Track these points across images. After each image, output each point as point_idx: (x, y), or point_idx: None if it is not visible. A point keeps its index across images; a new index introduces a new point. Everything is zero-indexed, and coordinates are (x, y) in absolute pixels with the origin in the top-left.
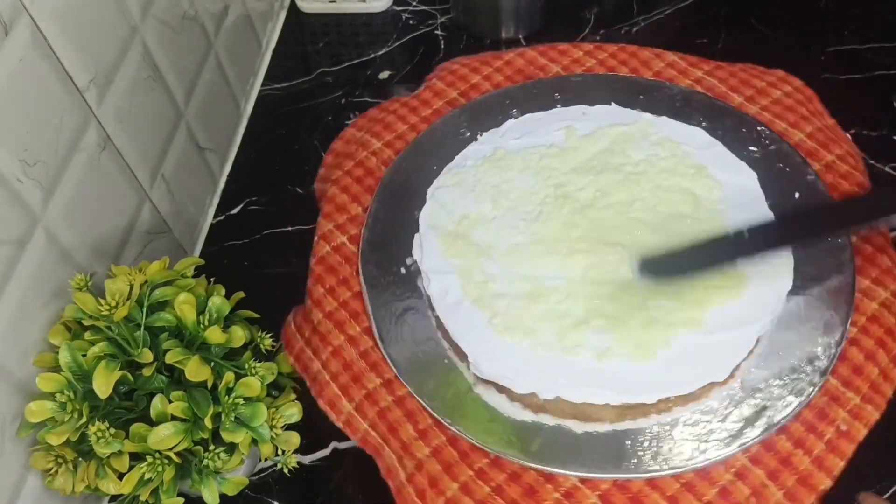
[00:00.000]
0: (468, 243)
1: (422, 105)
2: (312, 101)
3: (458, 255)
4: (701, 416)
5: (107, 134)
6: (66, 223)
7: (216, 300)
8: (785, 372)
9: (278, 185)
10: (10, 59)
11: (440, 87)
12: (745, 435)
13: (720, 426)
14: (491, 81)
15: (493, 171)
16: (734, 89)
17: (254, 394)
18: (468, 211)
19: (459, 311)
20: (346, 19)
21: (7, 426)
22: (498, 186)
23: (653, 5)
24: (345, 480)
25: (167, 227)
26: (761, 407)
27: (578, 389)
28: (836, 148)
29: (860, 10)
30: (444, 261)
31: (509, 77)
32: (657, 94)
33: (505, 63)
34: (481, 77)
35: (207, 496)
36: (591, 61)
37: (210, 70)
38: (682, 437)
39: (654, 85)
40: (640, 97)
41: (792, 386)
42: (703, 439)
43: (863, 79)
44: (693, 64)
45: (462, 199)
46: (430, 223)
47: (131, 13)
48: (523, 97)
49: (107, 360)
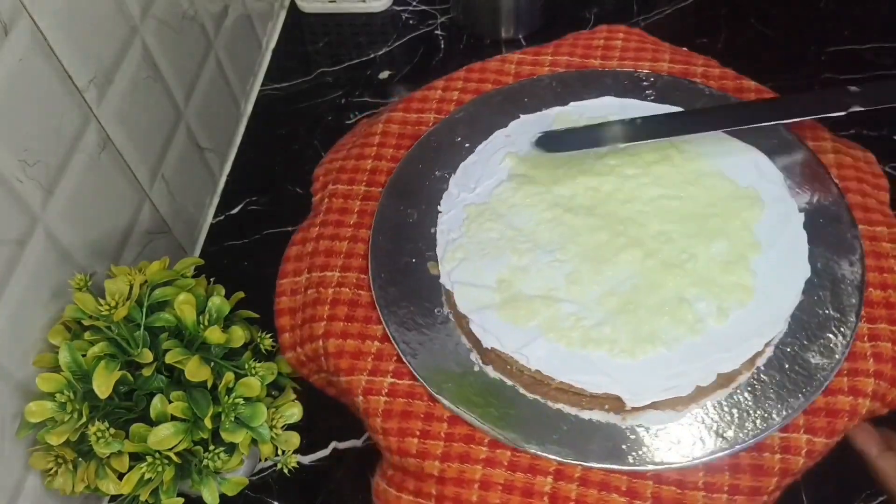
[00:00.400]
0: (528, 301)
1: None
2: (312, 101)
3: (530, 317)
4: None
5: (107, 134)
6: (65, 223)
7: (216, 300)
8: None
9: (278, 185)
10: (10, 59)
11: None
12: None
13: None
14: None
15: (481, 228)
16: (588, 56)
17: (254, 394)
18: (499, 276)
19: (573, 360)
20: (346, 19)
21: (7, 426)
22: (501, 237)
23: (653, 5)
24: (345, 480)
25: (167, 227)
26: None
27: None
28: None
29: (860, 10)
30: (524, 332)
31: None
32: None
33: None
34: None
35: (207, 496)
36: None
37: (210, 70)
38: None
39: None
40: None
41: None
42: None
43: (863, 79)
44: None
45: (482, 269)
46: (478, 306)
47: (131, 13)
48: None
49: (107, 360)
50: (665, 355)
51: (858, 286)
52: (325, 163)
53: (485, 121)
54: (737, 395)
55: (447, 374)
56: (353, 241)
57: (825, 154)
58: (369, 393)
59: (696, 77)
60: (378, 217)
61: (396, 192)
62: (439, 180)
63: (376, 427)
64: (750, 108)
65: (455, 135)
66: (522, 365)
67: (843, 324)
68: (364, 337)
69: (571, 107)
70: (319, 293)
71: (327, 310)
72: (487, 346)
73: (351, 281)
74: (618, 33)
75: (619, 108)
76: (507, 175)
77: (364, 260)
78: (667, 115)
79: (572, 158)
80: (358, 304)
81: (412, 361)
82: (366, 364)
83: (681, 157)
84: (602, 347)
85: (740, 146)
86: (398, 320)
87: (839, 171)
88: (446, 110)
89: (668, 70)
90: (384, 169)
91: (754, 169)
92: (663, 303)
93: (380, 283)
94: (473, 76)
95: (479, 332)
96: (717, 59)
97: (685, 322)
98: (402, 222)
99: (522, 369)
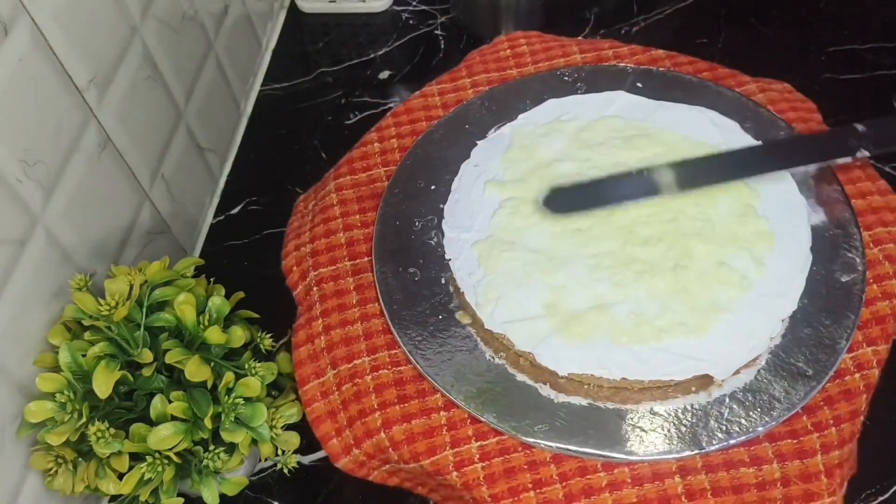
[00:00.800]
0: (583, 316)
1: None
2: (312, 101)
3: (593, 331)
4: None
5: (107, 134)
6: (66, 223)
7: (216, 300)
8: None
9: (278, 185)
10: (10, 59)
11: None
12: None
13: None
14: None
15: (500, 260)
16: (503, 68)
17: (254, 394)
18: (544, 301)
19: (652, 356)
20: (346, 19)
21: (7, 426)
22: (525, 263)
23: (653, 5)
24: (345, 480)
25: (167, 227)
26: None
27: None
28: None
29: (860, 10)
30: (594, 347)
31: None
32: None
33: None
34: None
35: (207, 496)
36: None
37: (210, 70)
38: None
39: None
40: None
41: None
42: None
43: (863, 79)
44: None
45: (523, 301)
46: (538, 339)
47: (131, 13)
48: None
49: (107, 361)
50: (731, 320)
51: (844, 200)
52: (290, 252)
53: (439, 158)
54: (797, 332)
55: (531, 417)
56: (365, 319)
57: (755, 95)
58: (462, 465)
59: (609, 60)
60: (381, 287)
61: (387, 255)
62: (423, 231)
63: (483, 497)
64: (758, 154)
65: (416, 181)
66: (604, 379)
67: (849, 237)
68: (428, 412)
69: (522, 119)
70: (357, 385)
71: (375, 399)
72: (564, 374)
73: (384, 361)
74: (518, 39)
75: (566, 107)
76: (498, 203)
77: (386, 335)
78: (673, 166)
79: (553, 162)
80: (404, 381)
81: (490, 418)
82: (444, 438)
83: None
84: (674, 334)
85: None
86: (455, 381)
87: (775, 107)
88: (393, 160)
89: (582, 61)
90: (360, 237)
91: (713, 126)
92: (705, 272)
93: (417, 352)
94: (402, 119)
95: (551, 364)
96: (717, 59)
97: (732, 283)
98: (408, 283)
99: (602, 383)
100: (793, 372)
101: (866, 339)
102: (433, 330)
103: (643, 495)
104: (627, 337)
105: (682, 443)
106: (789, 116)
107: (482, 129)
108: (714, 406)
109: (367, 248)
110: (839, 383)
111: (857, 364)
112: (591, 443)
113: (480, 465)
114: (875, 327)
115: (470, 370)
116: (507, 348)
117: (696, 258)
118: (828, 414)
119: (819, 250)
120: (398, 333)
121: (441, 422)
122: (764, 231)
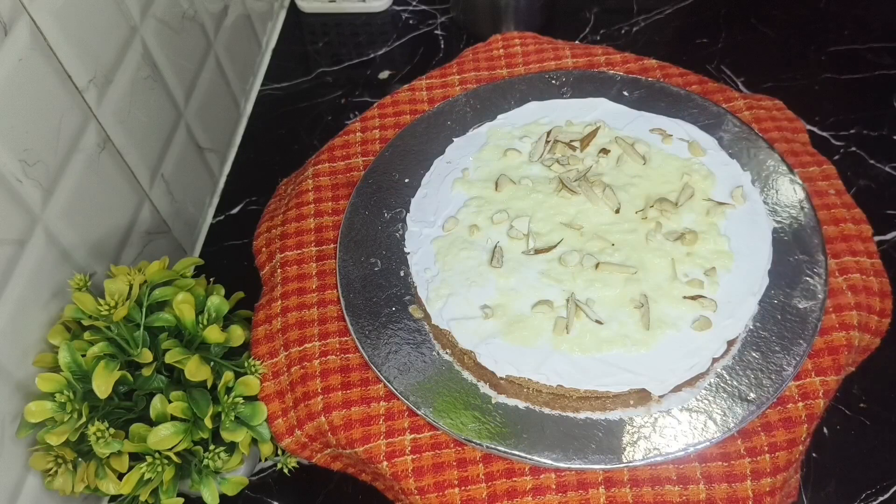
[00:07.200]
0: (529, 319)
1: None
2: (312, 101)
3: (537, 335)
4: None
5: (106, 134)
6: (65, 223)
7: (215, 300)
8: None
9: (278, 185)
10: (10, 59)
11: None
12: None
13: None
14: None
15: (457, 259)
16: (494, 67)
17: (253, 393)
18: (492, 301)
19: (591, 366)
20: (346, 19)
21: (7, 426)
22: (480, 262)
23: (653, 5)
24: (344, 480)
25: (167, 227)
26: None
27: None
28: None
29: (860, 10)
30: (535, 351)
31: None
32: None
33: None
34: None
35: (207, 496)
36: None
37: (210, 70)
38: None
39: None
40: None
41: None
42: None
43: (863, 79)
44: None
45: (472, 300)
46: (481, 338)
47: (131, 13)
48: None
49: (106, 360)
50: (675, 337)
51: (815, 226)
52: (262, 233)
53: (416, 152)
54: (745, 356)
55: (467, 415)
56: (322, 305)
57: (741, 112)
58: (393, 456)
59: (600, 66)
60: (341, 274)
61: (352, 244)
62: (390, 222)
63: (410, 489)
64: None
65: (391, 173)
66: (541, 384)
67: (814, 264)
68: (368, 400)
69: (501, 119)
70: (305, 368)
71: (320, 383)
72: (503, 376)
73: (334, 347)
74: (513, 39)
75: (547, 110)
76: (463, 202)
77: (340, 322)
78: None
79: (521, 165)
80: (350, 368)
81: (427, 412)
82: (380, 427)
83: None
84: (617, 345)
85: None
86: (398, 374)
87: (759, 126)
88: (372, 151)
89: (573, 65)
90: (329, 224)
91: (688, 137)
92: (657, 286)
93: (366, 341)
94: (388, 111)
95: (490, 364)
96: (716, 59)
97: (682, 299)
98: (368, 273)
99: (541, 388)
100: (734, 395)
101: (816, 368)
102: (385, 321)
103: (565, 502)
104: (569, 344)
105: (611, 454)
106: (772, 136)
107: (463, 126)
108: (649, 421)
109: (334, 236)
110: (781, 410)
111: (802, 393)
112: (522, 446)
113: (411, 458)
114: (827, 357)
115: (415, 364)
116: (453, 345)
117: (650, 271)
118: (764, 440)
119: (781, 274)
120: (350, 321)
121: (380, 412)
122: (723, 250)
